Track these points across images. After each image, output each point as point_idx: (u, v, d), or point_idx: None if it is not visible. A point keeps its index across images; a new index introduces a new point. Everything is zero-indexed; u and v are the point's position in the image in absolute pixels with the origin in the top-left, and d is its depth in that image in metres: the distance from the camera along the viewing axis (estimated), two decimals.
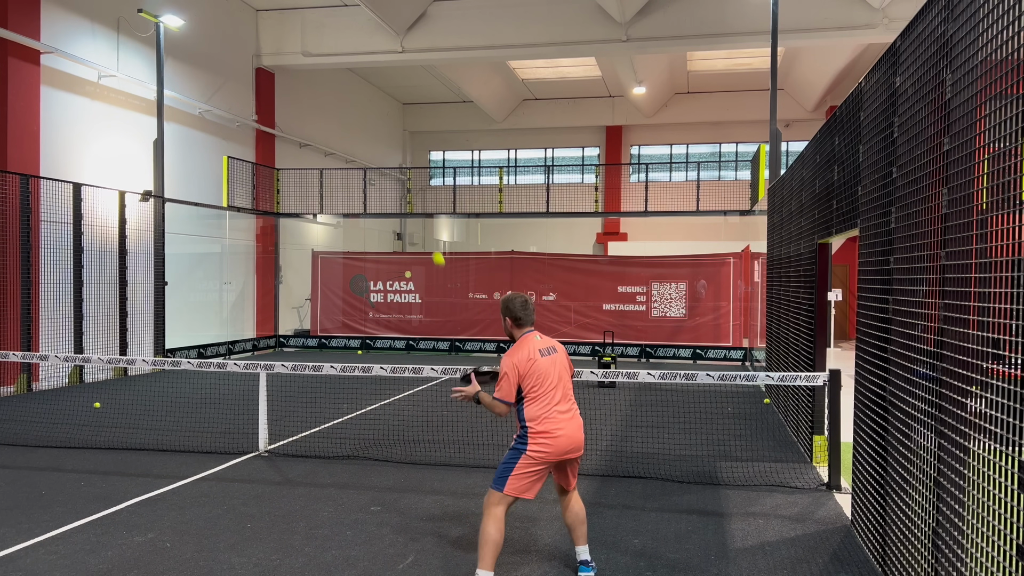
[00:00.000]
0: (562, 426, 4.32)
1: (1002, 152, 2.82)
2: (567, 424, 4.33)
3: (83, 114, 13.75)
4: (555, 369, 4.42)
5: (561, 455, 4.33)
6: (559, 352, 4.54)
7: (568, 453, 4.36)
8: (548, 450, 4.28)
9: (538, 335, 4.53)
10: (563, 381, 4.44)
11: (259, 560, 4.75)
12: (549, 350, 4.47)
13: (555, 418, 4.32)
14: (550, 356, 4.44)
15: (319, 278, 19.53)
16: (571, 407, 4.43)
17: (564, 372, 4.49)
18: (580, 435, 4.42)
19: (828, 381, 6.58)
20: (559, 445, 4.29)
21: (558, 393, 4.37)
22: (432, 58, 19.02)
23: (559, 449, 4.30)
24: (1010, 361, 2.74)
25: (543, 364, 4.38)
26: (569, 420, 4.36)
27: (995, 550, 2.82)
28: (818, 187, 7.14)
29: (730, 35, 17.09)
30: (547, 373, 4.37)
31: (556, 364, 4.44)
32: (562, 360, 4.52)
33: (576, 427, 4.39)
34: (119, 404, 10.51)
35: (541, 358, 4.39)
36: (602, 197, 21.50)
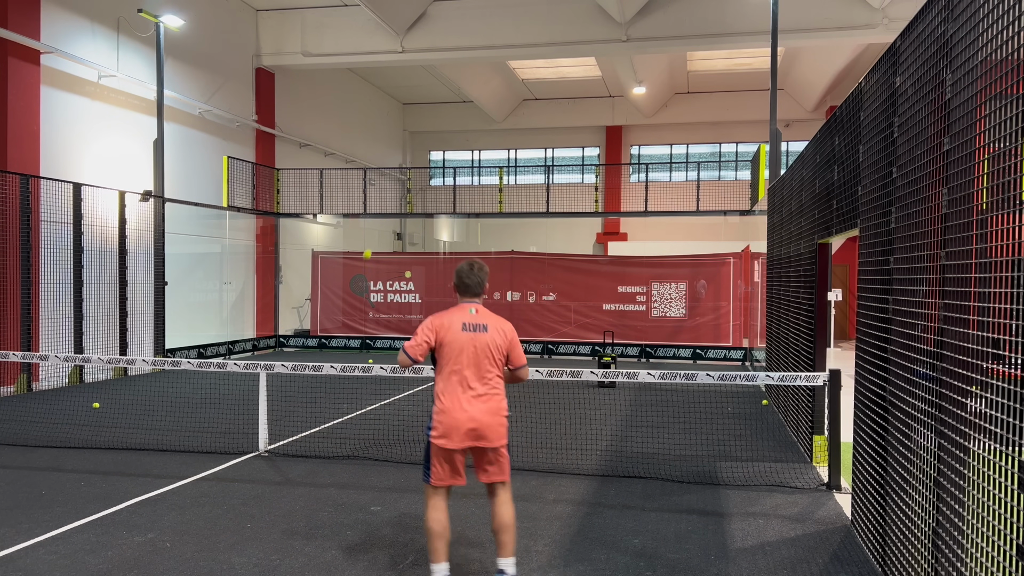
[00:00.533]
0: (461, 406, 3.99)
1: (1002, 152, 2.82)
2: (470, 405, 4.00)
3: (83, 114, 13.75)
4: (475, 346, 4.06)
5: (460, 439, 4.00)
6: (492, 332, 4.12)
7: (469, 439, 4.01)
8: (443, 430, 4.00)
9: (474, 309, 4.18)
10: (482, 361, 4.06)
11: (259, 560, 4.75)
12: (479, 327, 4.10)
13: (455, 395, 4.02)
14: (475, 332, 4.07)
15: (319, 278, 19.54)
16: (485, 391, 4.05)
17: (489, 352, 4.08)
18: (486, 420, 4.02)
19: (828, 381, 6.58)
20: (454, 425, 3.99)
21: (469, 372, 4.03)
22: (432, 58, 19.02)
23: (455, 429, 3.98)
24: (1010, 361, 2.74)
25: (461, 338, 4.06)
26: (472, 400, 4.01)
27: (995, 550, 2.82)
28: (818, 187, 7.14)
29: (730, 35, 17.09)
30: (461, 348, 4.05)
31: (478, 342, 4.06)
32: (492, 340, 4.10)
33: (481, 411, 4.01)
34: (119, 404, 10.51)
35: (461, 331, 4.07)
36: (602, 197, 21.50)
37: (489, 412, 4.06)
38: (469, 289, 4.24)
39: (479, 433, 4.04)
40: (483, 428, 4.04)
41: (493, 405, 4.09)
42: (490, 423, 4.06)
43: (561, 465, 7.25)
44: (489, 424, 4.05)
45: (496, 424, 4.08)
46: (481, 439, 4.06)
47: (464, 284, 4.23)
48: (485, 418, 4.04)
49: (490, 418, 4.06)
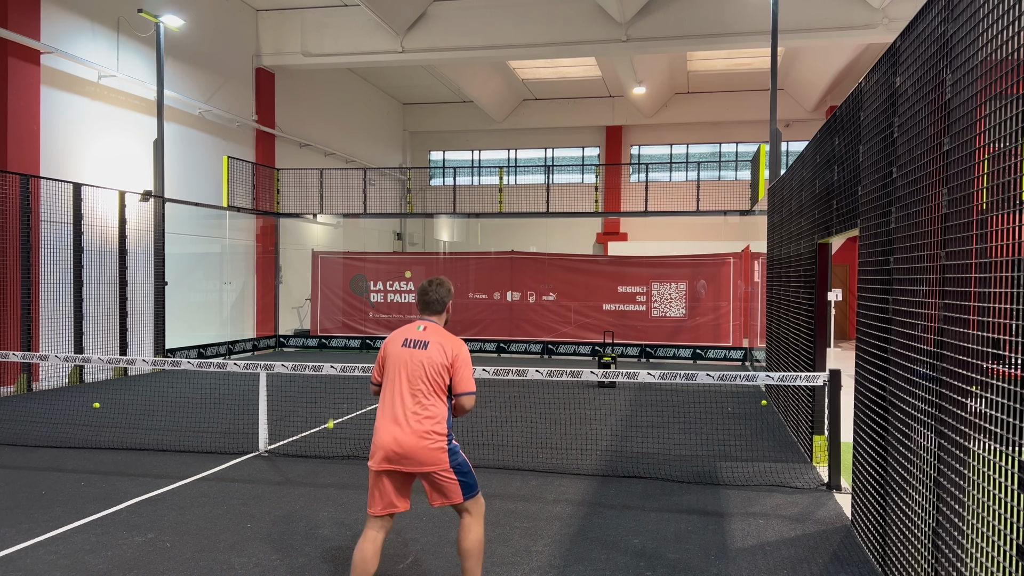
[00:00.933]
0: (384, 424, 3.79)
1: (1002, 152, 2.82)
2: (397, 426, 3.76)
3: (83, 114, 13.75)
4: (412, 363, 3.83)
5: (384, 456, 3.76)
6: (431, 351, 3.85)
7: (394, 462, 3.75)
8: (373, 450, 3.82)
9: (423, 326, 3.98)
10: (416, 380, 3.81)
11: (259, 560, 4.75)
12: (420, 343, 3.88)
13: (385, 414, 3.82)
14: (414, 349, 3.87)
15: (319, 278, 19.54)
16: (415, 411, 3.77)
17: (424, 371, 3.82)
18: (408, 441, 3.72)
19: (828, 381, 6.58)
20: (380, 445, 3.77)
21: (404, 389, 3.81)
22: (432, 58, 19.02)
23: (380, 450, 3.77)
24: (1010, 361, 2.74)
25: (399, 354, 3.88)
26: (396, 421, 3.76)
27: (995, 550, 2.82)
28: (818, 187, 7.14)
29: (730, 35, 17.09)
30: (398, 365, 3.86)
31: (416, 359, 3.84)
32: (429, 358, 3.83)
33: (408, 432, 3.73)
34: (119, 404, 10.50)
35: (401, 348, 3.89)
36: (602, 197, 21.49)
37: (415, 434, 3.73)
38: (428, 306, 4.08)
39: (405, 456, 3.74)
40: (409, 451, 3.73)
41: (421, 427, 3.75)
42: (416, 446, 3.73)
43: (561, 465, 7.25)
44: (415, 447, 3.73)
45: (423, 447, 3.73)
46: (408, 463, 3.76)
47: (423, 301, 4.09)
48: (410, 440, 3.73)
49: (416, 440, 3.73)
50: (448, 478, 3.81)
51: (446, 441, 3.81)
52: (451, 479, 3.82)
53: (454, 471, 3.83)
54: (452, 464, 3.82)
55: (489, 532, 5.30)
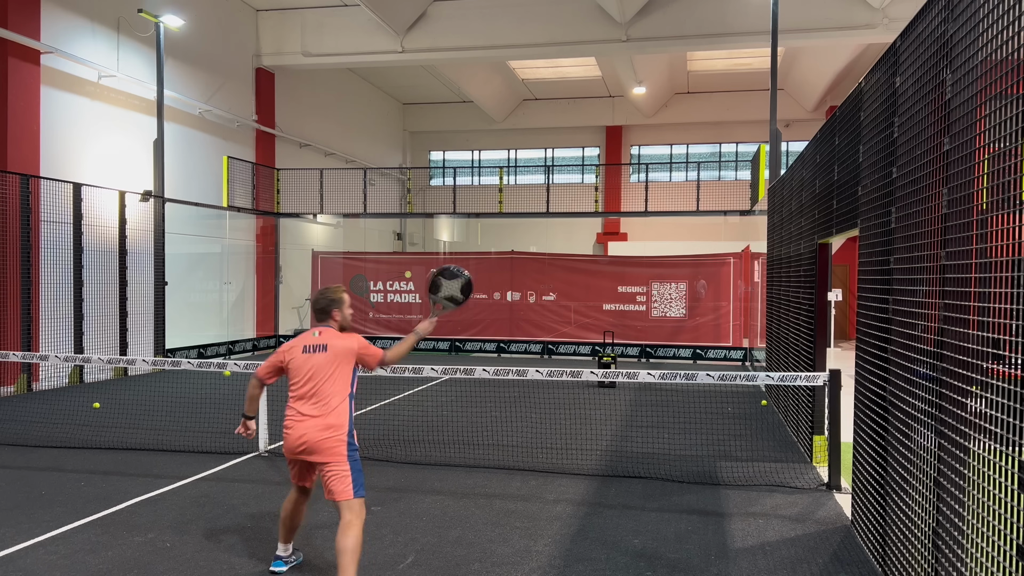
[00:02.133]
0: (292, 424, 4.27)
1: (1002, 152, 2.82)
2: (299, 424, 4.23)
3: (83, 114, 13.75)
4: (311, 366, 4.30)
5: (292, 452, 4.30)
6: (332, 351, 4.31)
7: (298, 453, 4.26)
8: (285, 443, 4.32)
9: (318, 332, 4.41)
10: (320, 381, 4.27)
11: (259, 560, 4.75)
12: (318, 347, 4.34)
13: (291, 414, 4.30)
14: (313, 354, 4.32)
15: (319, 278, 19.54)
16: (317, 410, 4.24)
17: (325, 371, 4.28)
18: (310, 436, 4.20)
19: (828, 381, 6.58)
20: (288, 440, 4.28)
21: (304, 390, 4.28)
22: (432, 58, 19.02)
23: (288, 444, 4.29)
24: (1010, 361, 2.74)
25: (300, 360, 4.33)
26: (302, 420, 4.23)
27: (995, 550, 2.82)
28: (818, 187, 7.14)
29: (730, 35, 17.09)
30: (299, 369, 4.32)
31: (315, 362, 4.30)
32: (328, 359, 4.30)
33: (309, 427, 4.20)
34: (119, 404, 10.50)
35: (301, 354, 4.34)
36: (602, 197, 21.50)
37: (315, 429, 4.20)
38: (319, 313, 4.50)
39: (309, 449, 4.21)
40: (312, 444, 4.20)
41: (320, 422, 4.22)
42: (313, 440, 4.19)
43: (561, 465, 7.25)
44: (312, 442, 4.19)
45: (324, 439, 4.19)
46: (311, 454, 4.22)
47: (315, 309, 4.52)
48: (311, 435, 4.20)
49: (319, 434, 4.20)
50: (342, 470, 4.19)
51: (346, 435, 4.25)
52: (344, 471, 4.19)
53: (349, 465, 4.22)
54: (349, 459, 4.23)
55: (489, 532, 5.31)
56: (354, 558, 4.03)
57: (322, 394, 4.26)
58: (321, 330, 4.42)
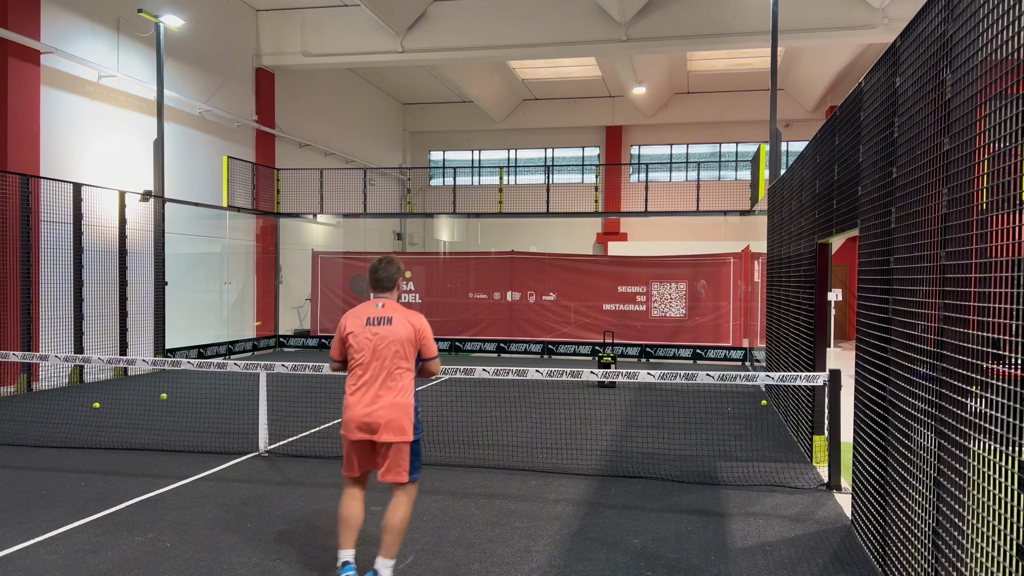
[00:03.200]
0: (357, 400, 4.04)
1: (1002, 152, 2.82)
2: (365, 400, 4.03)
3: (83, 114, 13.75)
4: (376, 343, 4.07)
5: (355, 431, 4.04)
6: (396, 326, 4.10)
7: (362, 431, 4.03)
8: (345, 423, 4.09)
9: (380, 303, 4.19)
10: (385, 358, 4.06)
11: (259, 560, 4.75)
12: (383, 320, 4.11)
13: (355, 390, 4.08)
14: (377, 326, 4.10)
15: (319, 278, 19.54)
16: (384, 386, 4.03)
17: (393, 348, 4.08)
18: (379, 413, 4.00)
19: (828, 381, 6.58)
20: (351, 417, 4.05)
21: (370, 368, 4.06)
22: (432, 58, 19.02)
23: (351, 423, 4.05)
24: (1010, 361, 2.74)
25: (362, 335, 4.10)
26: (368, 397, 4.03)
27: (995, 550, 2.82)
28: (818, 187, 7.14)
29: (730, 35, 17.09)
30: (362, 346, 4.09)
31: (379, 338, 4.07)
32: (395, 334, 4.09)
33: (378, 404, 4.01)
34: (119, 404, 10.50)
35: (364, 327, 4.11)
36: (602, 197, 21.50)
37: (387, 408, 4.02)
38: (379, 284, 4.27)
39: (369, 428, 4.04)
40: (381, 422, 4.02)
41: (390, 401, 4.04)
42: (383, 419, 4.01)
43: (561, 465, 7.25)
44: (380, 420, 4.02)
45: (396, 419, 4.02)
46: (377, 432, 4.04)
47: (375, 279, 4.27)
48: (380, 414, 4.01)
49: (386, 414, 4.01)
50: (405, 452, 4.08)
51: (415, 411, 4.11)
52: (404, 454, 4.08)
53: (411, 448, 4.10)
54: (414, 437, 4.10)
55: (489, 532, 5.31)
56: (400, 537, 4.10)
57: (390, 369, 4.06)
58: (384, 302, 4.21)
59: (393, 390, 4.04)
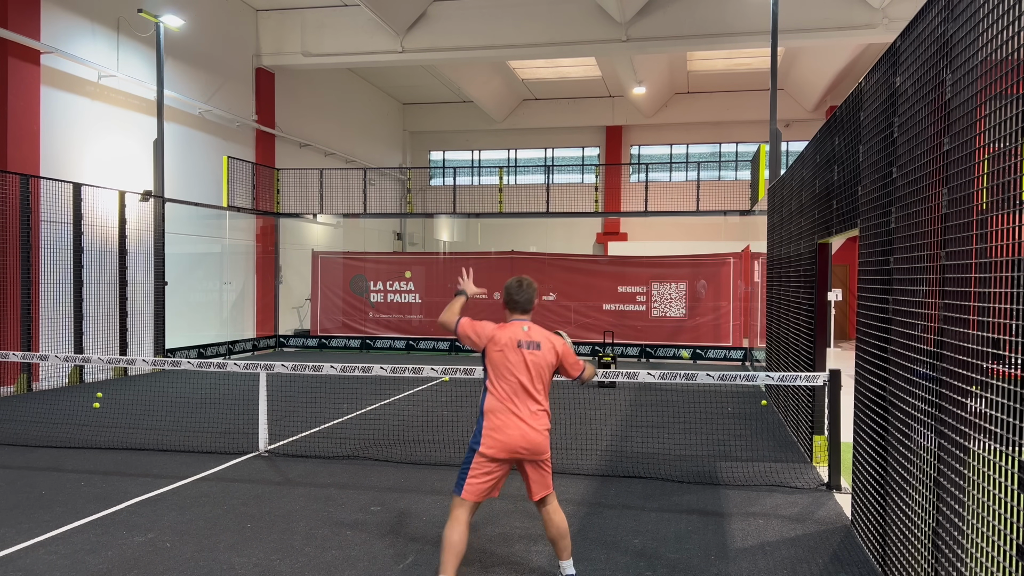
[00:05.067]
0: (512, 423, 4.10)
1: (1002, 152, 2.82)
2: (521, 423, 4.10)
3: (83, 114, 13.75)
4: (526, 367, 4.16)
5: (511, 452, 4.09)
6: (544, 351, 4.23)
7: (518, 451, 4.10)
8: (497, 446, 4.08)
9: (526, 326, 4.28)
10: (533, 381, 4.17)
11: (259, 560, 4.75)
12: (532, 344, 4.21)
13: (507, 414, 4.11)
14: (528, 351, 4.19)
15: (319, 278, 19.54)
16: (536, 409, 4.16)
17: (541, 372, 4.20)
18: (535, 437, 4.12)
19: (828, 381, 6.58)
20: (507, 441, 4.08)
21: (520, 391, 4.14)
22: (432, 58, 19.02)
23: (507, 446, 4.08)
24: (1010, 361, 2.74)
25: (513, 358, 4.17)
26: (523, 419, 4.11)
27: (995, 550, 2.82)
28: (818, 187, 7.14)
29: (730, 35, 17.09)
30: (512, 368, 4.15)
31: (529, 363, 4.17)
32: (545, 359, 4.22)
33: (532, 428, 4.11)
34: (119, 404, 10.51)
35: (517, 349, 4.18)
36: (602, 197, 21.49)
37: (537, 430, 4.15)
38: (518, 305, 4.36)
39: (527, 449, 4.12)
40: (531, 445, 4.12)
41: (540, 422, 4.18)
42: (537, 440, 4.14)
43: (561, 465, 7.25)
44: (536, 441, 4.13)
45: (540, 440, 4.16)
46: (526, 452, 4.14)
47: (514, 301, 4.36)
48: (533, 436, 4.13)
49: (537, 435, 4.14)
50: (547, 466, 4.26)
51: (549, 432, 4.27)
52: (549, 467, 4.28)
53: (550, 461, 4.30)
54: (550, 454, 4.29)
55: (489, 532, 5.31)
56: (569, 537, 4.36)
57: (540, 392, 4.18)
58: (529, 325, 4.30)
59: (540, 414, 4.19)
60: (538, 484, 4.23)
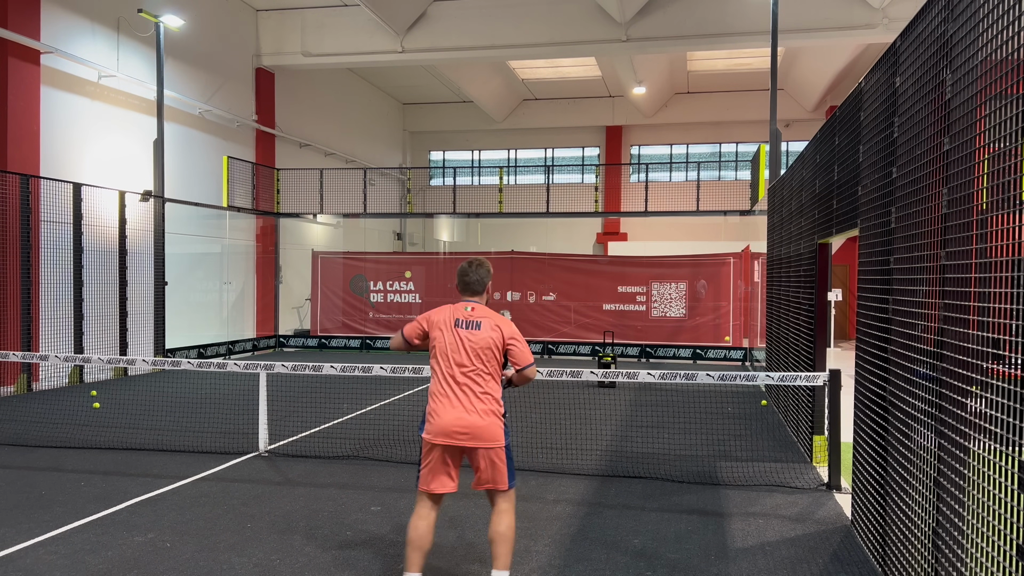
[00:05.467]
0: (447, 405, 3.91)
1: (1002, 152, 2.82)
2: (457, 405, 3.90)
3: (83, 114, 13.75)
4: (463, 347, 3.96)
5: (447, 436, 3.89)
6: (484, 330, 3.98)
7: (454, 436, 3.88)
8: (433, 430, 3.93)
9: (470, 307, 4.09)
10: (472, 361, 3.94)
11: (259, 560, 4.75)
12: (471, 324, 4.00)
13: (443, 396, 3.95)
14: (466, 330, 3.99)
15: (319, 278, 19.54)
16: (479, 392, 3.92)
17: (480, 353, 3.96)
18: (472, 420, 3.87)
19: (828, 381, 6.58)
20: (442, 425, 3.90)
21: (458, 373, 3.94)
22: (432, 58, 19.02)
23: (443, 429, 3.90)
24: (1010, 361, 2.74)
25: (449, 338, 4.00)
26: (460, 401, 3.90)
27: (995, 550, 2.82)
28: (818, 187, 7.14)
29: (730, 35, 17.09)
30: (448, 350, 3.98)
31: (467, 342, 3.96)
32: (485, 340, 3.97)
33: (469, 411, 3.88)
34: (119, 404, 10.50)
35: (451, 329, 4.00)
36: (602, 197, 21.49)
37: (480, 412, 3.91)
38: (468, 287, 4.19)
39: (463, 433, 3.90)
40: (473, 428, 3.89)
41: (484, 406, 3.93)
42: (475, 425, 3.89)
43: (561, 465, 7.25)
44: (474, 426, 3.89)
45: (487, 425, 3.91)
46: (463, 438, 3.91)
47: (463, 282, 4.19)
48: (469, 419, 3.89)
49: (479, 418, 3.90)
50: (499, 459, 3.96)
51: (503, 417, 4.01)
52: (501, 460, 3.97)
53: (505, 454, 3.98)
54: (506, 445, 3.99)
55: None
56: (510, 546, 3.99)
57: (482, 375, 3.94)
58: (474, 306, 4.09)
59: (482, 397, 3.93)
60: (485, 475, 3.96)
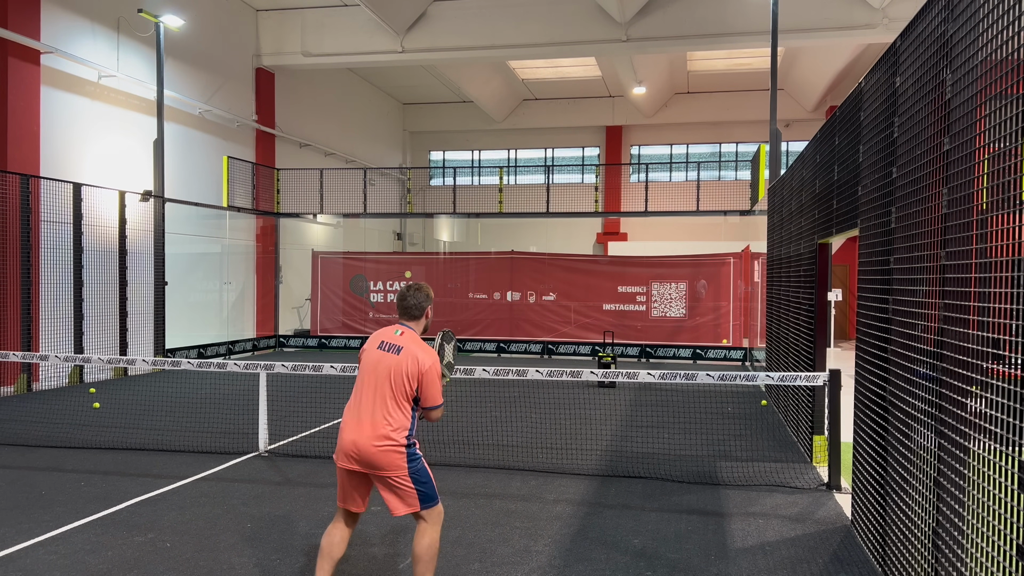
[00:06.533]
0: (349, 425, 3.84)
1: (1002, 152, 2.82)
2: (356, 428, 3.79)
3: (83, 114, 13.74)
4: (381, 367, 3.86)
5: (345, 456, 3.81)
6: (402, 358, 3.85)
7: (350, 459, 3.80)
8: (336, 450, 3.89)
9: (400, 331, 4.00)
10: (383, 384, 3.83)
11: (259, 560, 4.75)
12: (393, 347, 3.91)
13: (349, 414, 3.88)
14: (386, 353, 3.90)
15: (319, 278, 19.54)
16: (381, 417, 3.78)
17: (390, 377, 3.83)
18: (366, 448, 3.74)
19: (828, 381, 6.58)
20: (341, 444, 3.84)
21: (370, 391, 3.84)
22: (432, 58, 19.02)
23: (341, 447, 3.84)
24: (1010, 361, 2.74)
25: (370, 356, 3.93)
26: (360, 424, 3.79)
27: (995, 550, 2.82)
28: (818, 187, 7.14)
29: (730, 35, 17.10)
30: (365, 368, 3.93)
31: (385, 364, 3.86)
32: (398, 365, 3.84)
33: (364, 436, 3.75)
34: (119, 404, 10.50)
35: (376, 349, 3.94)
36: (602, 197, 21.49)
37: (372, 438, 3.75)
38: (406, 311, 4.10)
39: (360, 459, 3.79)
40: (364, 454, 3.76)
41: (378, 432, 3.76)
42: (371, 450, 3.74)
43: (561, 465, 7.25)
44: (370, 451, 3.75)
45: (378, 451, 3.74)
46: (364, 465, 3.79)
47: (401, 306, 4.12)
48: (366, 444, 3.75)
49: (370, 444, 3.75)
50: (404, 484, 3.80)
51: (404, 447, 3.80)
52: (407, 486, 3.81)
53: (411, 479, 3.81)
54: (410, 471, 3.81)
55: (489, 532, 5.31)
56: (431, 565, 3.86)
57: (391, 401, 3.81)
58: (404, 331, 4.00)
59: (384, 422, 3.78)
60: (391, 503, 3.84)
